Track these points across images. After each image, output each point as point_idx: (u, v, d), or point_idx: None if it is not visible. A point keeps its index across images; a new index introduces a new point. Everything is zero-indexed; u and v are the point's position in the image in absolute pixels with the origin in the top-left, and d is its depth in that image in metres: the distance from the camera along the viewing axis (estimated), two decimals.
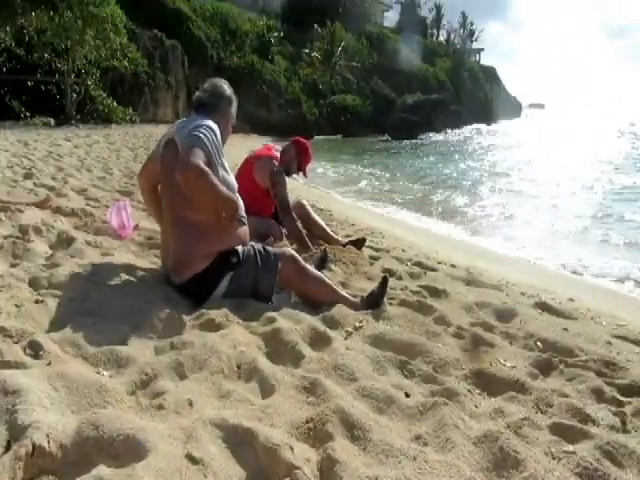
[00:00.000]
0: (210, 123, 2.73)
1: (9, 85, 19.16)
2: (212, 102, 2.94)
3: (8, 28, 19.00)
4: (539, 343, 2.66)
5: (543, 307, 3.48)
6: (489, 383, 2.18)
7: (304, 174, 4.73)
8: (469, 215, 9.75)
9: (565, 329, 2.96)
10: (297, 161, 4.56)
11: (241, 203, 2.90)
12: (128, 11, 23.85)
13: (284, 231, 4.40)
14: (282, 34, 39.54)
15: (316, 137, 32.86)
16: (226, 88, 3.02)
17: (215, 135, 2.69)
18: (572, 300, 4.23)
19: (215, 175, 2.61)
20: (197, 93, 3.01)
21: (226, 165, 2.82)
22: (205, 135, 2.61)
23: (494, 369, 2.27)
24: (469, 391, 2.08)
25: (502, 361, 2.38)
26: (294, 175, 4.75)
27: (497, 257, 6.06)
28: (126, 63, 22.40)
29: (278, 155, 4.53)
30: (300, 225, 4.34)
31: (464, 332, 2.72)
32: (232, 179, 2.90)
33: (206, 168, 2.50)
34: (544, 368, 2.38)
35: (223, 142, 2.85)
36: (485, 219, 9.35)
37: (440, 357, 2.33)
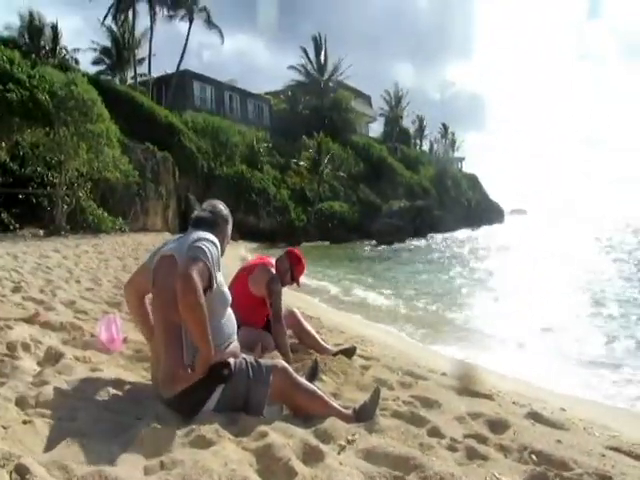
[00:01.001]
0: (211, 237, 2.83)
1: (0, 198, 19.38)
2: (211, 219, 3.06)
3: (4, 144, 19.55)
4: (533, 456, 2.62)
5: (535, 417, 3.45)
6: None
7: (297, 284, 4.80)
8: (449, 324, 9.67)
9: (558, 441, 2.92)
10: (291, 272, 4.64)
11: (233, 327, 2.96)
12: (122, 126, 24.69)
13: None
14: (271, 145, 40.94)
15: (304, 244, 33.16)
16: (223, 208, 3.17)
17: (216, 248, 2.78)
18: (564, 410, 4.20)
19: (212, 287, 2.67)
20: (196, 212, 3.14)
21: (221, 278, 2.87)
22: (208, 248, 2.70)
23: None
24: None
25: (497, 475, 2.34)
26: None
27: (484, 367, 5.99)
28: (118, 174, 22.74)
29: (273, 262, 4.62)
30: (287, 340, 4.36)
31: (458, 444, 2.69)
32: (227, 292, 2.95)
33: (203, 300, 2.52)
34: None
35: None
36: (467, 329, 9.17)
37: (435, 471, 2.26)
